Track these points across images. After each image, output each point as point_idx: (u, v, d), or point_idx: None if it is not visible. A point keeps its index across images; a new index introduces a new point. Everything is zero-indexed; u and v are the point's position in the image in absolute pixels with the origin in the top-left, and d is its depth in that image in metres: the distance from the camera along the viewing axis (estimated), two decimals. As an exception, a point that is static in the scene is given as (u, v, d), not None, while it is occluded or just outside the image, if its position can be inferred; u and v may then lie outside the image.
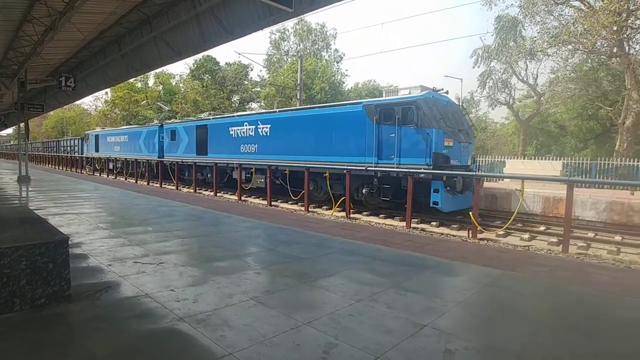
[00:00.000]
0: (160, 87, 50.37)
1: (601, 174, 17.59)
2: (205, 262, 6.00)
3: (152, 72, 44.62)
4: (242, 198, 16.64)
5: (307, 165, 14.00)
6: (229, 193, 19.38)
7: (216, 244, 7.30)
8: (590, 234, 9.87)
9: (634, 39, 19.64)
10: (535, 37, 21.16)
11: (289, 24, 47.27)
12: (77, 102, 63.42)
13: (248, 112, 21.54)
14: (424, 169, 11.39)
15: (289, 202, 15.43)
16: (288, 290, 4.85)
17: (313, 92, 32.39)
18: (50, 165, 42.06)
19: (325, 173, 13.79)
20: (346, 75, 41.21)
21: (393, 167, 12.07)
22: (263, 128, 17.04)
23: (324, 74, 34.76)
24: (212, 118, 21.72)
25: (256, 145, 17.32)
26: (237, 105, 46.34)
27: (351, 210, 12.61)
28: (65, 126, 67.45)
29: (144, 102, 44.92)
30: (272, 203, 14.88)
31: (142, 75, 42.12)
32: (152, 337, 3.50)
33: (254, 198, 17.02)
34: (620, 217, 10.94)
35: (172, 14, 13.95)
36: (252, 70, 47.96)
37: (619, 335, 3.94)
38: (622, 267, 7.16)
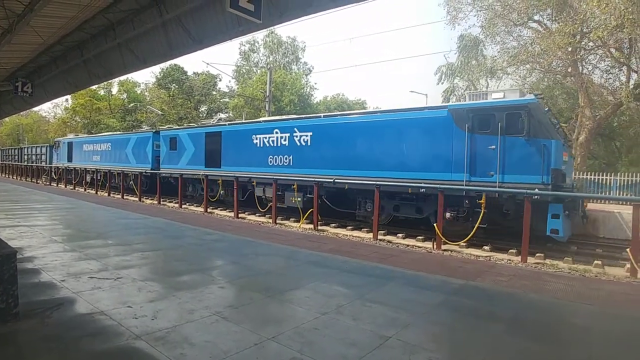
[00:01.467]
0: (125, 96, 49.03)
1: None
2: (166, 277, 5.81)
3: (116, 80, 43.41)
4: (208, 210, 16.27)
5: (377, 182, 11.00)
6: (248, 213, 15.91)
7: (179, 258, 7.11)
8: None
9: (587, 60, 20.99)
10: (495, 56, 22.39)
11: (259, 35, 47.39)
12: (35, 109, 60.67)
13: (278, 117, 17.58)
14: (539, 188, 9.19)
15: (257, 214, 15.20)
16: (253, 305, 4.76)
17: (282, 104, 32.45)
18: (9, 176, 39.61)
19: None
20: (315, 88, 41.56)
21: (494, 186, 9.73)
22: (301, 136, 13.65)
23: (293, 86, 34.94)
24: (228, 124, 17.99)
25: (291, 157, 13.94)
26: (204, 115, 45.70)
27: (319, 222, 12.58)
28: (21, 134, 64.25)
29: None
30: (239, 215, 14.65)
31: (105, 83, 40.87)
32: (106, 358, 3.33)
33: (221, 210, 16.64)
34: None
35: (138, 22, 13.63)
36: (220, 80, 47.58)
37: (571, 341, 4.09)
38: (576, 276, 7.48)
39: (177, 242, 8.68)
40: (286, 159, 14.19)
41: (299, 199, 13.26)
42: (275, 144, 14.56)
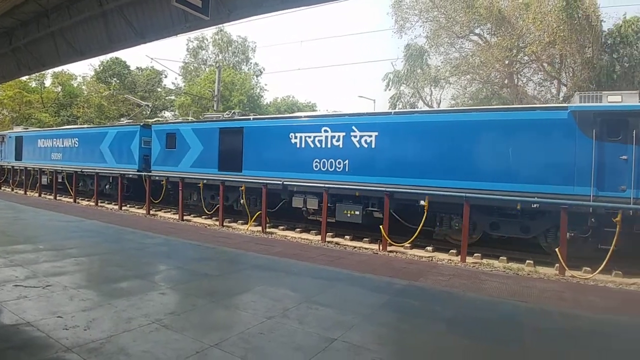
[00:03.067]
0: (59, 89, 45.82)
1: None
2: (102, 284, 5.48)
3: (50, 71, 40.39)
4: (151, 212, 15.54)
5: (472, 194, 9.35)
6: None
7: (117, 263, 6.73)
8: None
9: (522, 73, 22.56)
10: (439, 66, 23.41)
11: (209, 33, 46.22)
12: (-47, 101, 55.18)
13: (328, 113, 14.26)
14: None
15: (203, 217, 14.76)
16: (196, 311, 4.61)
17: (231, 104, 31.87)
18: None
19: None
20: (265, 89, 41.11)
21: (627, 202, 8.49)
22: (362, 137, 11.17)
23: (243, 86, 34.43)
24: (253, 118, 14.90)
25: (347, 162, 11.35)
26: (148, 113, 43.82)
27: (267, 225, 12.44)
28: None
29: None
30: (184, 217, 14.14)
31: (37, 74, 37.93)
32: (32, 373, 3.07)
33: (164, 212, 15.96)
34: None
35: (75, 10, 12.79)
36: (166, 77, 45.88)
37: (506, 337, 4.33)
38: (510, 274, 7.97)
39: (115, 246, 8.23)
40: (340, 163, 11.51)
41: (357, 212, 11.05)
42: (323, 145, 11.83)
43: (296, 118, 13.44)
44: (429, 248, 10.09)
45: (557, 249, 8.33)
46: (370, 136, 11.14)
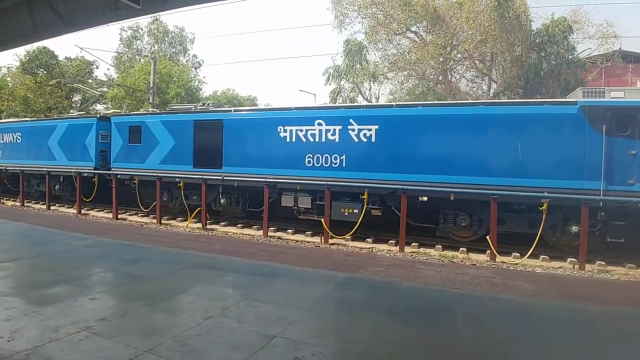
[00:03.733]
0: (-20, 79, 41.42)
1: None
2: (28, 290, 5.08)
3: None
4: (82, 211, 14.56)
5: (487, 190, 9.11)
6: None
7: (44, 268, 6.25)
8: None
9: (455, 70, 23.69)
10: (377, 61, 23.94)
11: (143, 22, 43.80)
12: None
13: (321, 105, 13.77)
14: None
15: (139, 215, 14.07)
16: (129, 315, 4.40)
17: (168, 97, 30.56)
18: None
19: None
20: (204, 82, 39.69)
21: (637, 196, 8.58)
22: (361, 130, 10.58)
23: (180, 78, 33.09)
24: (234, 110, 13.97)
25: (344, 157, 10.73)
26: (78, 106, 40.86)
27: (207, 221, 12.11)
28: None
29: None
30: (119, 216, 13.40)
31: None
32: None
33: (97, 211, 15.02)
34: None
35: (-8, -4, 11.61)
36: (97, 67, 42.85)
37: (439, 323, 4.56)
38: (445, 262, 8.39)
39: (41, 249, 7.62)
40: (335, 159, 10.85)
41: (355, 211, 10.41)
42: (317, 140, 11.10)
43: (286, 110, 12.22)
44: (369, 240, 10.35)
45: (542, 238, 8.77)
46: (369, 130, 10.57)
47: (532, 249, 8.46)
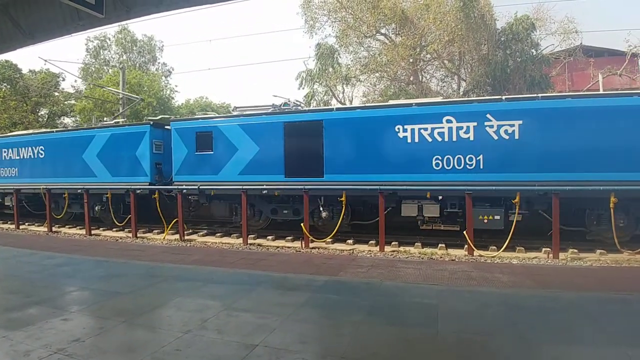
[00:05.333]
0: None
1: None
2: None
3: None
4: (53, 229, 14.04)
5: None
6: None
7: (12, 290, 5.99)
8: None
9: (425, 70, 24.10)
10: (349, 64, 24.16)
11: (110, 31, 42.90)
12: None
13: (451, 100, 12.36)
14: None
15: (113, 229, 13.67)
16: (104, 334, 4.24)
17: (139, 107, 29.98)
18: None
19: None
20: (176, 90, 39.18)
21: None
22: (501, 127, 9.35)
23: (151, 88, 32.52)
24: (337, 108, 12.25)
25: (481, 157, 9.47)
26: (45, 120, 39.60)
27: (185, 232, 11.88)
28: None
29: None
30: (92, 232, 12.98)
31: None
32: None
33: (69, 228, 14.51)
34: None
35: (-55, 9, 11.13)
36: (64, 80, 41.66)
37: (421, 320, 4.58)
38: (425, 259, 8.47)
39: (9, 271, 7.31)
40: (470, 160, 9.64)
41: (497, 217, 9.26)
42: (446, 139, 9.80)
43: (404, 106, 10.73)
44: (350, 241, 10.36)
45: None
46: (512, 126, 9.40)
47: (507, 241, 8.65)
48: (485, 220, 9.30)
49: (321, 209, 10.89)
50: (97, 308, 5.12)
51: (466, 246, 8.97)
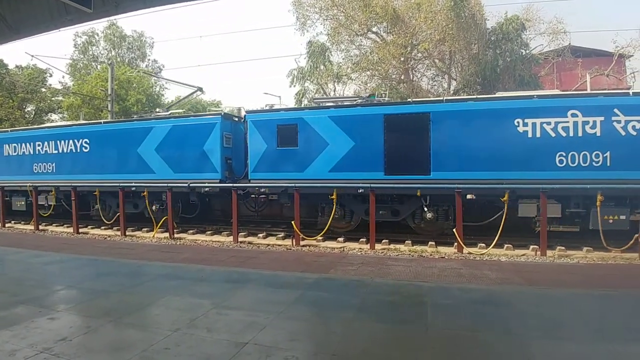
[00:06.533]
0: None
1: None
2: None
3: None
4: (40, 227, 13.82)
5: None
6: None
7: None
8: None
9: (416, 68, 24.16)
10: (340, 62, 24.17)
11: (99, 27, 42.31)
12: None
13: (567, 92, 11.54)
14: None
15: (102, 227, 13.50)
16: (91, 334, 4.18)
17: (128, 104, 29.64)
18: None
19: None
20: (166, 87, 38.69)
21: None
22: (629, 122, 8.77)
23: (140, 84, 32.17)
24: (445, 100, 10.82)
25: (609, 154, 8.88)
26: (32, 116, 38.98)
27: (175, 230, 11.78)
28: None
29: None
30: (80, 230, 12.80)
31: None
32: None
33: (56, 226, 14.29)
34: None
35: None
36: (51, 76, 40.94)
37: (410, 317, 4.60)
38: (415, 257, 8.52)
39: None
40: (597, 156, 9.01)
41: (622, 217, 8.72)
42: (571, 134, 9.14)
43: (524, 99, 9.98)
44: (340, 239, 10.37)
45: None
46: None
47: (496, 238, 8.73)
48: (611, 221, 8.74)
49: (425, 209, 9.98)
50: (85, 307, 5.06)
51: (456, 244, 9.04)
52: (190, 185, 11.72)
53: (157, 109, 15.02)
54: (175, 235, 11.44)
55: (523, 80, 19.71)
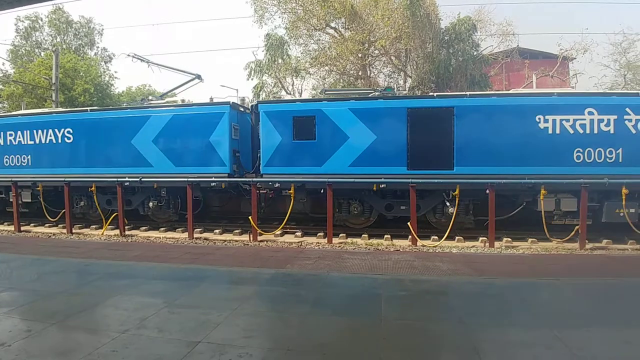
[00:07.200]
0: None
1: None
2: None
3: None
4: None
5: None
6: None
7: None
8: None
9: (374, 65, 24.44)
10: (299, 57, 24.00)
11: (43, 11, 39.63)
12: None
13: (584, 91, 11.87)
14: None
15: (46, 225, 12.70)
16: (32, 338, 3.93)
17: (74, 94, 28.03)
18: None
19: None
20: (116, 77, 36.82)
21: None
22: (639, 121, 9.38)
23: (88, 73, 30.48)
24: (469, 95, 10.81)
25: (621, 150, 9.44)
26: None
27: (126, 227, 11.29)
28: None
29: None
30: (22, 228, 11.96)
31: None
32: None
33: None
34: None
35: None
36: (-11, 62, 38.04)
37: (365, 309, 4.68)
38: (371, 250, 8.67)
39: None
40: (610, 153, 9.41)
41: (632, 210, 9.14)
42: (587, 131, 9.47)
43: (544, 95, 10.20)
44: (299, 233, 10.37)
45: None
46: None
47: (447, 231, 9.07)
48: (621, 214, 9.12)
49: (448, 204, 9.92)
50: (26, 309, 4.76)
51: (410, 237, 9.30)
52: (197, 179, 10.88)
53: (150, 97, 13.40)
54: (127, 233, 10.99)
55: (474, 79, 20.49)
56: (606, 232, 9.42)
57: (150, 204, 11.69)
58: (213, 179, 10.72)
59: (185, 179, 10.71)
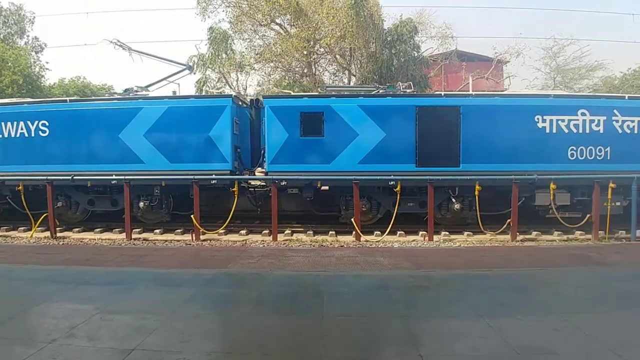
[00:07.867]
0: None
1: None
2: None
3: None
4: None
5: None
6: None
7: None
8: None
9: (319, 63, 24.58)
10: (244, 52, 23.58)
11: (-33, -4, 35.81)
12: None
13: (578, 93, 13.18)
14: None
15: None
16: (-60, 354, 3.59)
17: (1, 85, 25.75)
18: None
19: None
20: (47, 68, 34.07)
21: None
22: (625, 121, 10.24)
23: (17, 64, 28.00)
24: (474, 94, 11.72)
25: (609, 149, 10.28)
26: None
27: (57, 228, 10.51)
28: None
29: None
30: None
31: None
32: None
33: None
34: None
35: None
36: None
37: (308, 305, 4.73)
38: (316, 247, 8.74)
39: None
40: (600, 151, 10.20)
41: (618, 203, 9.88)
42: (580, 131, 10.17)
43: (542, 97, 11.00)
44: (243, 232, 10.23)
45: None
46: (633, 122, 10.19)
47: (389, 227, 9.37)
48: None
49: (454, 200, 10.21)
50: None
51: (354, 232, 9.49)
52: (199, 177, 10.01)
53: (134, 87, 12.00)
54: (58, 235, 10.26)
55: (415, 80, 21.24)
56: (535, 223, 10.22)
57: (141, 204, 10.74)
58: (213, 175, 10.13)
59: (185, 176, 10.05)
